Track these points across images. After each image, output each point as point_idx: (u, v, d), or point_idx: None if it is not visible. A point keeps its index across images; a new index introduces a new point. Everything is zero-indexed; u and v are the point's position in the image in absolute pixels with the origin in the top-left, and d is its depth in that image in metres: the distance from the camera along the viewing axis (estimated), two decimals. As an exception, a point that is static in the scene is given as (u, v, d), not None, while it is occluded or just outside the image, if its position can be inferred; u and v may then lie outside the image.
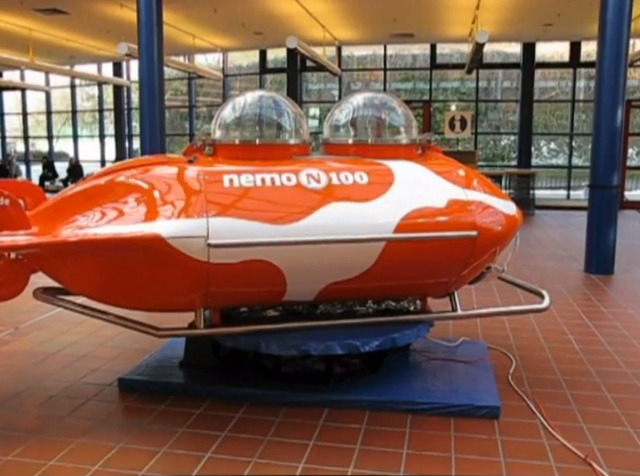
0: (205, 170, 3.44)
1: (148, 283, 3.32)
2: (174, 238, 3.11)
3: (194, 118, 19.90)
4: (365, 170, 3.62)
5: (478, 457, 2.97)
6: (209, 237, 3.14)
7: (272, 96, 3.94)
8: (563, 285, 6.63)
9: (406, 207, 3.50)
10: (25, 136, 22.30)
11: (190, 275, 3.24)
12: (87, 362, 4.26)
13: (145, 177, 3.41)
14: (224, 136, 3.76)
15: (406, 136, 4.01)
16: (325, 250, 3.36)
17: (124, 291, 3.40)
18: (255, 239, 3.22)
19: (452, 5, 12.14)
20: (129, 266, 3.25)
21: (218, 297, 3.44)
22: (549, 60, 17.27)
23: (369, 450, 3.03)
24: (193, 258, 3.15)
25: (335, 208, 3.41)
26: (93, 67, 19.81)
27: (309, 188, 3.44)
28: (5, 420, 3.36)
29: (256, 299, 3.67)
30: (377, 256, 3.44)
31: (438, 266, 3.68)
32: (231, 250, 3.19)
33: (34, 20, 13.14)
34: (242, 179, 3.38)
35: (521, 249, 8.98)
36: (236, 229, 3.21)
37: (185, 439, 3.14)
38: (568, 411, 3.48)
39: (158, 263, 3.20)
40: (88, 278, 3.36)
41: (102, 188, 3.40)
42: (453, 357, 4.16)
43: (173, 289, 3.36)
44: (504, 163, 18.24)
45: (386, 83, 17.70)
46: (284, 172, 3.48)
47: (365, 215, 3.44)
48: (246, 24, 13.87)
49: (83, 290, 3.48)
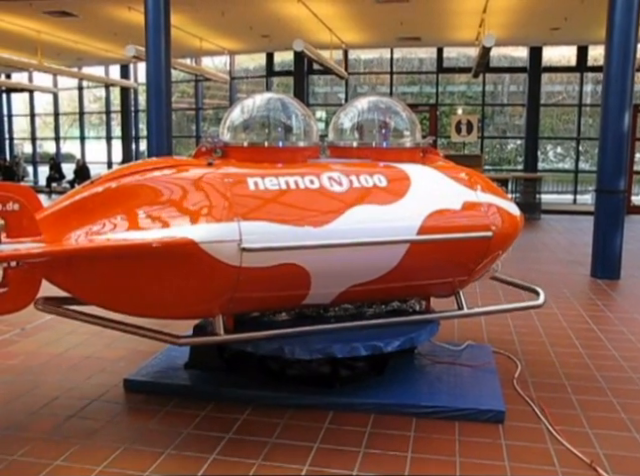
0: (228, 173, 3.38)
1: (172, 290, 3.20)
2: (207, 243, 3.01)
3: (200, 120, 19.94)
4: (382, 173, 3.69)
5: (482, 461, 2.97)
6: (242, 241, 3.08)
7: (282, 98, 3.93)
8: (569, 290, 6.61)
9: (426, 209, 3.59)
10: (33, 137, 22.41)
11: (219, 280, 3.16)
12: (92, 363, 4.27)
13: (167, 180, 3.30)
14: (237, 138, 3.72)
15: (410, 139, 4.07)
16: (351, 253, 3.38)
17: (144, 299, 3.26)
18: (289, 243, 3.18)
19: (459, 9, 12.13)
20: (154, 273, 3.12)
21: (241, 302, 3.36)
22: (556, 64, 17.24)
23: (373, 453, 3.03)
24: (224, 263, 3.07)
25: (360, 211, 3.44)
26: (100, 69, 19.89)
27: (333, 191, 3.46)
28: (11, 420, 3.37)
29: (277, 304, 3.61)
30: (400, 258, 3.51)
31: (453, 266, 3.80)
32: (264, 254, 3.14)
33: (43, 22, 13.21)
34: (267, 182, 3.33)
35: (527, 253, 9.04)
36: (268, 233, 3.16)
37: (190, 441, 3.15)
38: (573, 416, 3.47)
39: (187, 269, 3.09)
40: (105, 286, 3.20)
41: (119, 191, 3.25)
42: (458, 361, 4.15)
43: (198, 295, 3.24)
44: (510, 167, 18.21)
45: (392, 86, 17.70)
46: (306, 175, 3.48)
47: (389, 217, 3.51)
48: (253, 27, 13.91)
49: (97, 299, 3.30)
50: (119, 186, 3.27)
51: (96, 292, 3.23)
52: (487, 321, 5.30)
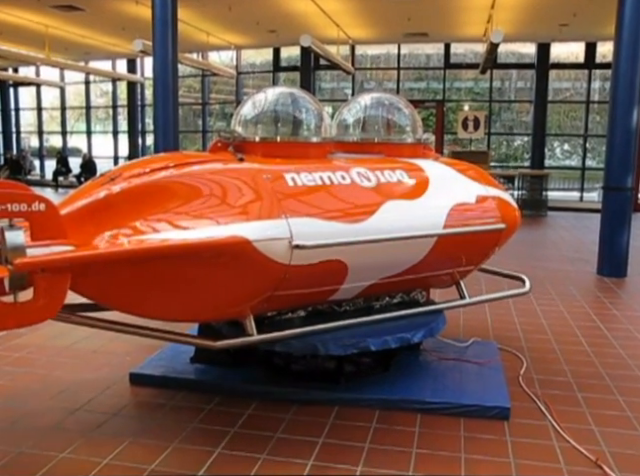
0: (265, 169, 3.30)
1: (214, 292, 3.05)
2: (259, 241, 2.91)
3: (207, 115, 19.95)
4: (402, 168, 3.77)
5: (487, 458, 2.97)
6: (293, 238, 3.02)
7: (300, 93, 3.88)
8: (575, 287, 6.59)
9: (448, 203, 3.73)
10: (39, 131, 22.47)
11: (266, 279, 3.08)
12: (98, 357, 4.29)
13: (204, 176, 3.13)
14: (257, 134, 3.63)
15: (412, 135, 4.17)
16: (387, 247, 3.40)
17: (180, 302, 3.06)
18: (335, 239, 3.16)
19: (467, 5, 12.09)
20: (197, 274, 2.94)
21: (275, 301, 3.29)
22: (564, 61, 17.16)
23: (378, 449, 3.03)
24: (274, 261, 2.98)
25: (393, 206, 3.48)
26: (108, 63, 19.91)
27: (364, 186, 3.48)
28: (18, 413, 3.39)
29: (307, 301, 3.58)
30: (427, 251, 3.60)
31: (468, 257, 3.98)
32: (311, 251, 3.08)
33: (50, 17, 13.24)
34: (303, 178, 3.29)
35: (533, 250, 9.03)
36: (316, 229, 3.12)
37: (195, 434, 3.16)
38: (579, 413, 3.46)
39: (235, 269, 2.96)
40: (138, 291, 2.95)
41: (151, 189, 3.01)
42: (464, 357, 4.15)
43: (240, 296, 3.13)
44: (517, 164, 18.15)
45: (399, 82, 17.66)
46: (336, 170, 3.49)
47: (419, 212, 3.60)
48: (260, 22, 13.89)
49: (125, 305, 3.03)
50: (150, 183, 3.04)
51: (126, 297, 2.97)
52: (493, 318, 5.30)
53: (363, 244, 3.27)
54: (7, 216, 2.51)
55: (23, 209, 2.52)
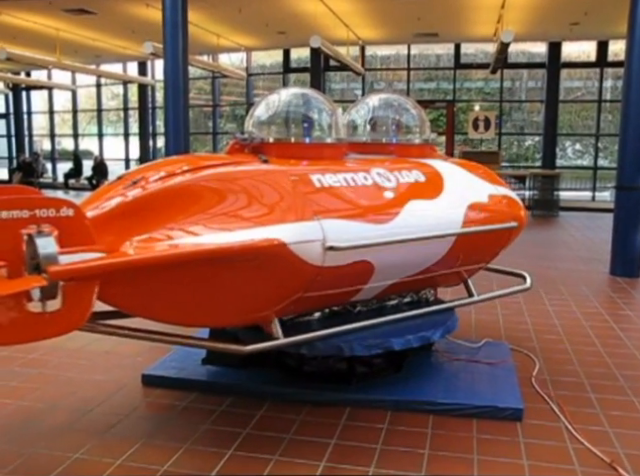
0: (291, 170, 3.28)
1: (244, 296, 3.00)
2: (295, 243, 2.88)
3: (217, 117, 20.00)
4: (418, 168, 3.80)
5: (500, 459, 2.95)
6: (326, 240, 3.00)
7: (314, 94, 3.86)
8: (588, 287, 6.55)
9: (465, 202, 3.78)
10: (51, 134, 22.62)
11: (297, 282, 3.06)
12: (110, 358, 4.31)
13: (231, 178, 3.08)
14: (274, 134, 3.59)
15: (420, 136, 4.21)
16: (412, 246, 3.42)
17: (209, 307, 3.00)
18: (366, 240, 3.15)
19: (477, 4, 12.05)
20: (230, 279, 2.88)
21: (303, 303, 3.27)
22: (575, 60, 17.06)
23: (390, 450, 3.03)
24: (308, 263, 2.96)
25: (415, 206, 3.51)
26: (118, 66, 20.02)
27: (387, 187, 3.50)
28: (31, 413, 3.41)
29: (332, 302, 3.57)
30: (447, 249, 3.64)
31: (481, 255, 4.06)
32: (344, 252, 3.07)
33: (62, 20, 13.32)
34: (328, 179, 3.29)
35: (545, 251, 8.97)
36: (346, 230, 3.11)
37: (207, 436, 3.16)
38: (593, 415, 3.44)
39: (269, 271, 2.92)
40: (166, 297, 2.85)
41: (177, 192, 2.92)
42: (476, 358, 4.13)
43: (270, 299, 3.08)
44: (528, 164, 18.06)
45: (409, 83, 17.63)
46: (358, 171, 3.50)
47: (439, 211, 3.63)
48: (270, 24, 13.91)
49: (150, 312, 2.93)
50: (178, 187, 2.95)
51: (154, 304, 2.87)
52: (504, 319, 5.27)
53: (391, 244, 3.29)
54: (35, 222, 2.42)
55: (51, 215, 2.44)
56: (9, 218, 2.35)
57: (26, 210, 2.38)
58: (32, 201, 2.43)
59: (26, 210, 2.38)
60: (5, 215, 2.34)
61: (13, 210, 2.35)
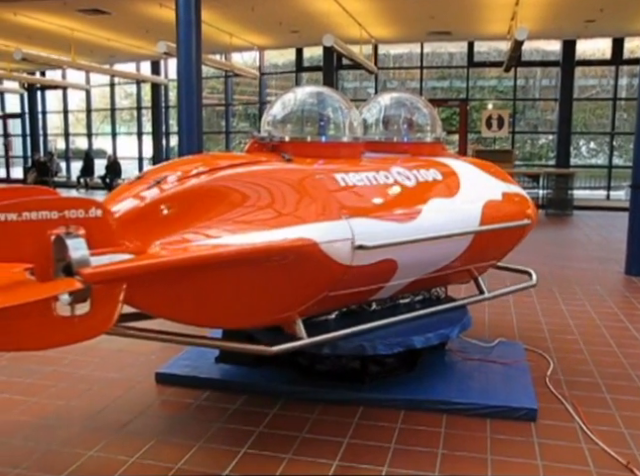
0: (316, 169, 3.27)
1: (272, 296, 2.96)
2: (326, 243, 2.87)
3: (230, 116, 20.04)
4: (434, 167, 3.81)
5: (515, 459, 2.93)
6: (355, 239, 2.99)
7: (327, 92, 3.87)
8: (603, 287, 6.49)
9: (481, 200, 3.80)
10: (66, 134, 22.77)
11: (326, 281, 3.04)
12: (124, 356, 4.33)
13: (257, 177, 3.05)
14: (292, 133, 3.59)
15: (432, 134, 4.24)
16: (434, 244, 3.44)
17: (235, 309, 2.94)
18: (393, 238, 3.15)
19: (491, 2, 11.97)
20: (259, 279, 2.83)
21: (327, 303, 3.26)
22: (590, 57, 16.91)
23: (404, 449, 3.02)
24: (337, 263, 2.95)
25: (436, 204, 3.53)
26: (132, 66, 20.11)
27: (408, 185, 3.51)
28: (45, 411, 3.44)
29: (354, 301, 3.57)
30: (466, 247, 3.68)
31: (496, 253, 4.11)
32: (371, 251, 3.06)
33: (76, 20, 13.40)
34: (352, 178, 3.28)
35: (559, 250, 8.92)
36: (374, 229, 3.12)
37: (221, 434, 3.17)
38: (608, 415, 3.41)
39: (299, 271, 2.89)
40: (193, 298, 2.79)
41: (202, 193, 2.88)
42: (489, 358, 4.11)
43: (297, 299, 3.06)
44: (542, 162, 17.94)
45: (422, 81, 17.57)
46: (379, 170, 3.51)
47: (458, 209, 3.66)
48: (283, 22, 13.92)
49: (175, 313, 2.84)
50: (205, 186, 2.92)
51: (181, 305, 2.81)
52: (518, 318, 5.24)
53: (415, 243, 3.30)
54: (64, 223, 2.35)
55: (80, 215, 2.37)
56: (38, 219, 2.29)
57: (55, 211, 2.31)
58: (61, 202, 2.38)
59: (55, 211, 2.31)
60: (34, 216, 2.28)
61: (42, 211, 2.29)
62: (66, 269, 2.35)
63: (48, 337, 2.37)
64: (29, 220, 2.27)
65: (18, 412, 3.42)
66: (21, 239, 2.29)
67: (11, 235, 2.26)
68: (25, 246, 2.31)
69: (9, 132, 23.53)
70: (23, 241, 2.30)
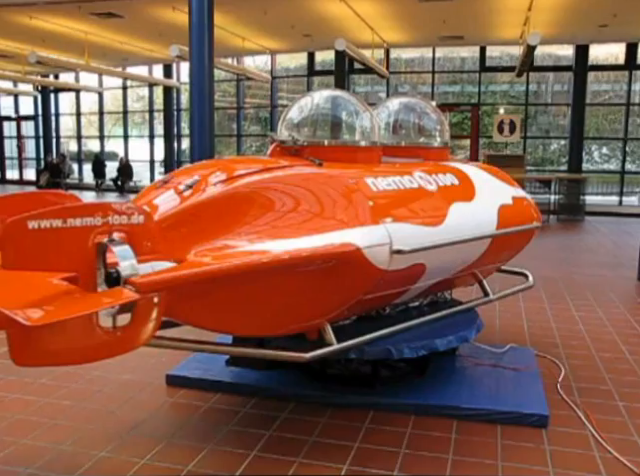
0: (347, 173, 3.25)
1: (310, 301, 2.91)
2: (368, 247, 2.84)
3: (242, 119, 20.11)
4: (449, 171, 3.85)
5: (526, 466, 2.92)
6: (392, 244, 2.96)
7: (346, 96, 3.87)
8: (615, 294, 6.45)
9: (495, 204, 3.87)
10: (78, 136, 22.93)
11: (363, 286, 3.02)
12: (135, 358, 4.32)
13: (295, 181, 3.02)
14: (315, 137, 3.58)
15: (440, 139, 4.29)
16: (458, 248, 3.45)
17: (271, 316, 2.88)
18: (425, 242, 3.15)
19: (503, 7, 11.95)
20: (298, 285, 2.78)
21: (357, 307, 3.24)
22: (603, 62, 16.83)
23: (414, 454, 3.01)
24: (376, 267, 2.92)
25: (458, 208, 3.55)
26: (144, 69, 20.23)
27: (431, 190, 3.54)
28: (55, 411, 3.46)
29: (380, 304, 3.57)
30: (484, 250, 3.73)
31: (507, 255, 4.19)
32: (407, 255, 3.04)
33: (90, 23, 13.51)
34: (380, 182, 3.27)
35: (571, 256, 8.86)
36: (407, 233, 3.10)
37: (231, 437, 3.18)
38: (621, 423, 3.38)
39: (339, 277, 2.84)
40: (232, 307, 2.71)
41: (243, 197, 2.82)
42: (500, 363, 4.09)
43: (334, 304, 3.02)
44: (554, 168, 17.86)
45: (434, 86, 17.55)
46: (403, 174, 3.52)
47: (477, 213, 3.70)
48: (295, 26, 13.96)
49: (211, 321, 2.76)
50: (241, 191, 2.84)
51: (218, 314, 2.71)
52: (529, 324, 5.22)
53: (445, 246, 3.32)
54: (108, 230, 2.25)
55: (124, 222, 2.27)
56: (83, 225, 2.18)
57: (99, 217, 2.22)
58: (105, 207, 2.27)
59: (99, 217, 2.22)
60: (79, 222, 2.17)
61: (86, 217, 2.19)
62: (110, 278, 2.25)
63: (92, 350, 2.23)
64: (73, 227, 2.16)
65: (30, 412, 3.44)
66: (66, 247, 2.18)
67: (56, 243, 2.15)
68: (69, 254, 2.20)
69: (22, 134, 23.71)
70: (67, 249, 2.19)
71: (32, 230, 2.10)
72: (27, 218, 2.10)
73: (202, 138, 8.74)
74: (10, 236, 2.12)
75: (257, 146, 20.55)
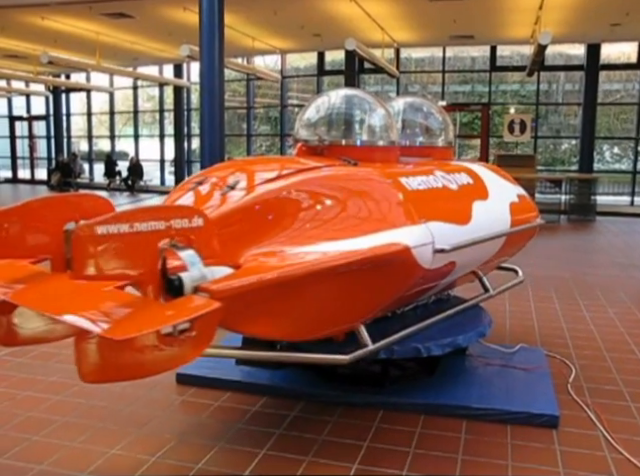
0: (383, 173, 3.25)
1: (355, 302, 2.86)
2: (416, 247, 2.85)
3: (252, 119, 20.14)
4: (462, 171, 3.90)
5: (536, 466, 2.91)
6: (435, 243, 2.98)
7: (366, 96, 3.89)
8: (626, 294, 6.41)
9: (506, 202, 3.96)
10: (89, 136, 23.05)
11: (405, 285, 3.03)
12: (146, 356, 4.36)
13: (338, 182, 3.00)
14: (337, 137, 3.56)
15: (444, 138, 4.34)
16: (482, 246, 3.51)
17: (319, 319, 2.80)
18: (459, 241, 3.17)
19: (514, 6, 11.90)
20: (347, 287, 2.71)
21: (387, 307, 3.24)
22: (615, 61, 16.71)
23: (423, 454, 3.01)
24: (420, 266, 2.93)
25: (479, 206, 3.61)
26: (154, 69, 20.30)
27: (454, 189, 3.58)
28: (66, 408, 3.49)
29: (406, 302, 3.58)
30: (500, 247, 3.82)
31: (514, 251, 4.29)
32: (445, 254, 3.06)
33: (101, 24, 13.56)
34: (412, 182, 3.28)
35: (582, 256, 8.82)
36: (444, 232, 3.12)
37: (241, 435, 3.19)
38: (632, 424, 3.36)
39: (386, 277, 2.82)
40: (282, 312, 2.59)
41: (285, 198, 2.75)
42: (510, 364, 4.08)
43: (375, 304, 3.01)
44: (564, 167, 17.77)
45: (444, 85, 17.50)
46: (428, 173, 3.55)
47: (494, 211, 3.78)
48: (305, 26, 13.96)
49: (255, 327, 2.62)
50: (283, 193, 2.77)
51: (265, 319, 2.58)
52: (540, 324, 5.20)
53: (476, 244, 3.39)
54: (170, 235, 2.12)
55: (185, 225, 2.15)
56: (148, 230, 2.05)
57: (163, 221, 2.09)
58: (167, 210, 2.20)
59: (163, 221, 2.09)
60: (144, 227, 2.04)
61: (152, 221, 2.06)
62: (172, 285, 2.13)
63: (158, 362, 2.07)
64: (140, 231, 2.03)
65: (41, 410, 3.47)
66: (132, 253, 2.05)
67: (123, 249, 2.02)
68: (135, 261, 2.07)
69: (34, 134, 23.86)
70: (134, 255, 2.06)
71: (101, 236, 1.97)
72: (96, 224, 1.96)
73: (212, 138, 8.76)
74: (81, 244, 1.98)
75: (267, 146, 20.58)
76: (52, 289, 2.05)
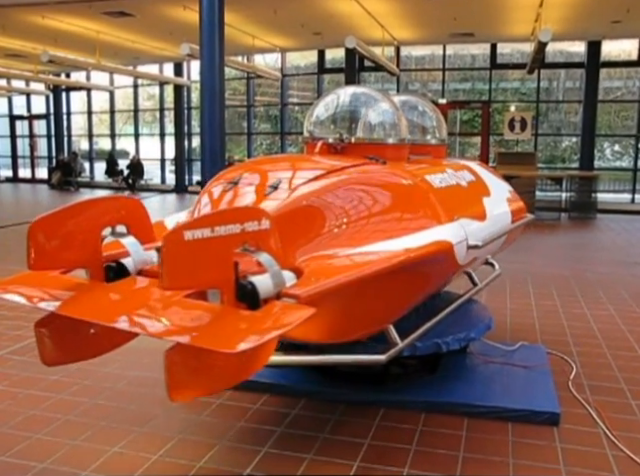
0: (411, 171, 3.27)
1: (397, 301, 2.83)
2: (457, 243, 2.90)
3: (252, 117, 20.13)
4: (464, 168, 3.97)
5: (537, 464, 2.91)
6: (468, 239, 3.02)
7: (378, 94, 3.89)
8: (627, 291, 6.41)
9: (504, 198, 4.08)
10: (89, 134, 23.04)
11: (442, 281, 3.10)
12: (147, 354, 4.36)
13: (378, 181, 3.00)
14: (364, 135, 3.58)
15: (438, 136, 4.40)
16: (495, 241, 3.59)
17: (364, 320, 2.74)
18: (488, 237, 3.26)
19: (514, 3, 11.88)
20: (393, 285, 2.63)
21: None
22: (615, 59, 16.69)
23: (425, 451, 3.01)
24: (457, 262, 2.99)
25: (487, 202, 3.68)
26: (155, 67, 20.29)
27: (465, 186, 3.65)
28: (69, 407, 3.49)
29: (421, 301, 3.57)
30: (503, 241, 3.93)
31: (507, 246, 4.41)
32: (474, 250, 3.12)
33: (102, 23, 13.55)
34: (434, 180, 3.30)
35: (583, 253, 8.82)
36: (473, 229, 3.18)
37: (243, 433, 3.19)
38: (633, 422, 3.37)
39: (428, 273, 2.87)
40: (330, 315, 2.44)
41: (331, 197, 2.69)
42: (511, 361, 4.08)
43: (413, 302, 2.98)
44: (565, 165, 17.75)
45: (444, 83, 17.49)
46: (442, 172, 3.59)
47: (499, 207, 3.87)
48: (305, 24, 13.94)
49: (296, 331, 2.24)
50: (329, 191, 2.72)
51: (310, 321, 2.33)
52: (540, 322, 5.20)
53: (497, 240, 3.51)
54: (244, 238, 2.02)
55: (255, 228, 2.05)
56: (227, 234, 1.96)
57: (238, 224, 1.99)
58: (239, 212, 2.11)
59: (238, 224, 1.99)
60: (223, 230, 1.94)
61: (229, 224, 1.96)
62: (244, 290, 2.04)
63: (234, 372, 1.97)
64: (220, 236, 1.93)
65: (44, 408, 3.47)
66: (212, 258, 1.95)
67: (206, 255, 1.92)
68: (214, 266, 1.96)
69: (34, 133, 23.86)
70: (214, 260, 1.96)
71: (188, 242, 1.87)
72: (183, 228, 1.87)
73: (213, 136, 8.76)
74: (171, 251, 1.87)
75: (267, 144, 20.57)
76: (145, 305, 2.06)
